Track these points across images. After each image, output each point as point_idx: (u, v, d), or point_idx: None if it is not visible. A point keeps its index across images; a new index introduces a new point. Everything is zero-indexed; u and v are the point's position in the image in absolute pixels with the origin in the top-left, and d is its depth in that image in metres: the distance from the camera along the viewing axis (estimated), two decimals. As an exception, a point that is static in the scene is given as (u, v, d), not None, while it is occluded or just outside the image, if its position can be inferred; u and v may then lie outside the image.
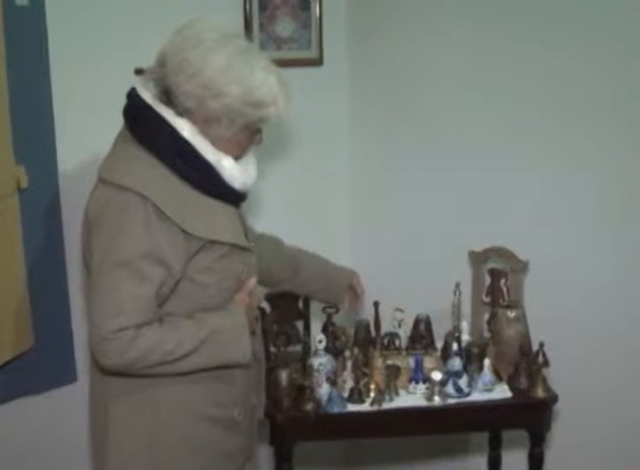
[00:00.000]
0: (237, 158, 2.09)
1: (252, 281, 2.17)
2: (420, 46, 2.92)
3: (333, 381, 2.48)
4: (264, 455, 2.83)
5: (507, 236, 2.77)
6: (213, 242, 2.01)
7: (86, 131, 2.06)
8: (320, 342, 2.55)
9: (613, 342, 2.72)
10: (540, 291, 2.76)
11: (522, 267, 2.74)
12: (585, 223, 2.71)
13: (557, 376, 2.59)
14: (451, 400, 2.47)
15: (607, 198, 2.66)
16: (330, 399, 2.43)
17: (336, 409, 2.42)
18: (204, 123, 1.99)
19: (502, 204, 2.85)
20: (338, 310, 2.69)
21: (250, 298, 2.16)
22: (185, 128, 1.98)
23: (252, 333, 2.15)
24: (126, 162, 2.00)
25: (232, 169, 2.06)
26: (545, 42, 2.65)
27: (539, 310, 2.69)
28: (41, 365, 2.49)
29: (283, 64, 2.10)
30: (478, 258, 2.84)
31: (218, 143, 2.02)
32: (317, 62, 3.01)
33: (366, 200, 3.12)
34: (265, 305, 2.65)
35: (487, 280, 2.83)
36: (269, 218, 2.82)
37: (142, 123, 2.00)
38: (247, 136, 2.07)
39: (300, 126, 2.93)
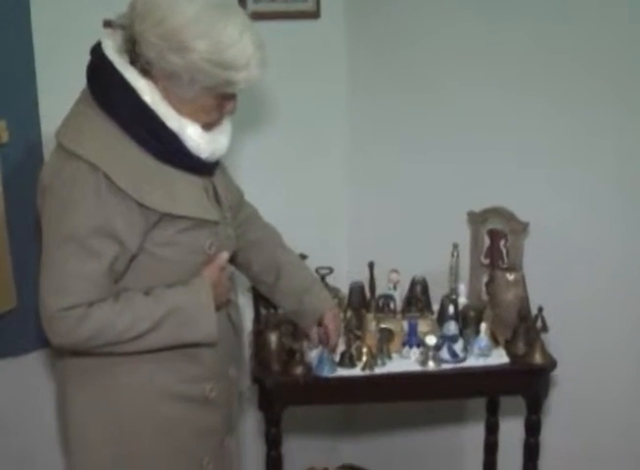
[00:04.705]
0: (207, 126, 1.94)
1: (224, 255, 2.03)
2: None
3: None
4: (253, 420, 2.78)
5: (507, 197, 2.67)
6: (172, 215, 1.90)
7: (71, 87, 1.97)
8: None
9: (614, 308, 2.64)
10: (540, 254, 2.66)
11: (522, 229, 2.65)
12: (588, 185, 2.62)
13: (555, 342, 2.51)
14: (446, 366, 2.40)
15: (611, 158, 2.57)
16: (320, 362, 2.36)
17: (326, 373, 2.35)
18: (164, 81, 1.85)
19: (502, 163, 2.74)
20: (332, 271, 2.60)
21: (219, 273, 2.02)
22: (146, 92, 1.84)
23: (220, 307, 2.03)
24: (82, 125, 1.87)
25: (198, 138, 1.91)
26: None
27: (539, 274, 2.61)
28: (24, 327, 2.42)
29: (277, 16, 1.97)
30: (476, 219, 2.75)
31: (182, 108, 1.88)
32: (314, 14, 2.85)
33: (363, 159, 3.02)
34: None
35: (486, 241, 2.74)
36: (261, 176, 2.74)
37: (102, 84, 1.87)
38: (213, 101, 1.90)
39: (295, 83, 2.82)
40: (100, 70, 1.88)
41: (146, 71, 1.85)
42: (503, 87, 2.68)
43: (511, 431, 2.80)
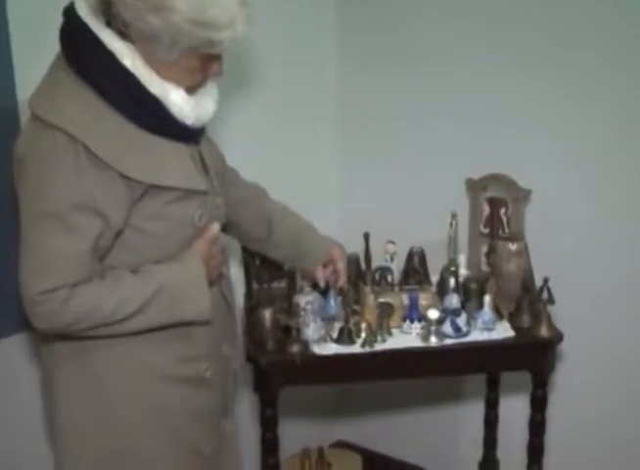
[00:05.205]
0: (191, 89, 1.81)
1: (215, 227, 1.91)
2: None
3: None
4: (247, 401, 2.66)
5: (507, 163, 2.57)
6: (159, 186, 1.77)
7: (49, 51, 1.82)
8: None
9: (619, 277, 2.56)
10: (543, 223, 2.56)
11: (523, 196, 2.54)
12: (592, 149, 2.52)
13: (558, 314, 2.40)
14: (449, 341, 2.28)
15: (617, 123, 2.48)
16: (328, 305, 2.29)
17: (334, 313, 2.28)
18: (143, 43, 1.71)
19: (501, 128, 2.64)
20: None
21: (211, 246, 1.91)
22: (125, 55, 1.70)
23: (213, 282, 1.93)
24: (57, 93, 1.73)
25: (182, 103, 1.78)
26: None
27: (541, 244, 2.50)
28: (2, 309, 2.28)
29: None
30: (475, 187, 2.64)
31: (164, 71, 1.74)
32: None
33: (355, 127, 2.91)
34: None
35: (486, 210, 2.63)
36: (249, 147, 2.61)
37: (77, 48, 1.73)
38: (197, 62, 1.77)
39: (283, 50, 2.70)
40: (74, 34, 1.74)
41: (123, 34, 1.71)
42: (503, 52, 2.58)
43: (512, 410, 2.74)
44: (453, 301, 2.32)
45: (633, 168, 2.47)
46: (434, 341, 2.28)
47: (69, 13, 1.75)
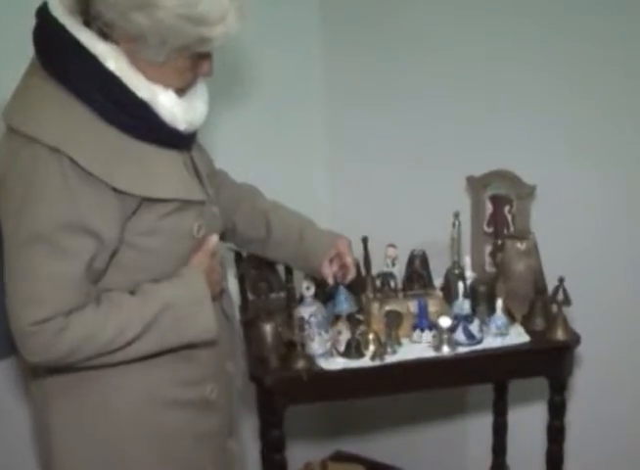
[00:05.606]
0: (180, 90, 1.68)
1: (214, 238, 1.80)
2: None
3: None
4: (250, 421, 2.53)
5: (510, 159, 2.44)
6: (153, 199, 1.64)
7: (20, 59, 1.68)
8: (308, 288, 2.21)
9: (633, 275, 2.47)
10: (551, 219, 2.45)
11: (528, 192, 2.43)
12: (600, 144, 2.42)
13: (570, 315, 2.29)
14: (462, 349, 2.16)
15: (625, 116, 2.38)
16: (338, 302, 2.20)
17: (345, 311, 2.20)
18: (128, 44, 1.57)
19: (503, 122, 2.53)
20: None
21: (211, 259, 1.79)
22: (110, 57, 1.57)
23: (215, 298, 1.81)
24: (34, 101, 1.58)
25: (173, 107, 1.65)
26: None
27: (549, 242, 2.38)
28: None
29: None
30: (477, 185, 2.52)
31: (152, 72, 1.61)
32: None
33: (346, 123, 2.78)
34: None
35: (489, 208, 2.51)
36: (234, 148, 2.48)
37: (54, 52, 1.59)
38: (187, 61, 1.64)
39: (266, 41, 2.55)
40: (49, 36, 1.60)
41: (105, 34, 1.58)
42: (505, 40, 2.47)
43: (519, 413, 2.67)
44: (465, 306, 2.21)
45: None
46: (446, 350, 2.16)
47: (43, 13, 1.61)
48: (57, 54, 1.59)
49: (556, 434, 2.29)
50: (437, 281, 2.43)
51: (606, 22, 2.32)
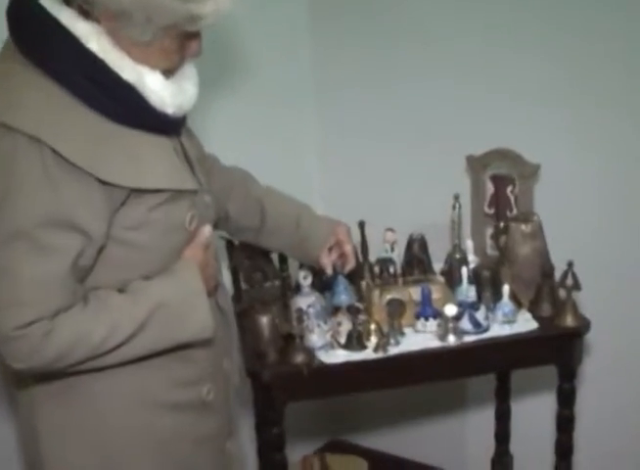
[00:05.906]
0: (168, 71, 1.56)
1: (207, 229, 1.68)
2: None
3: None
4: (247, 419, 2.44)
5: (511, 137, 2.36)
6: (142, 189, 1.53)
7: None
8: (305, 278, 2.12)
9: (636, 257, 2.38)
10: (556, 200, 2.37)
11: (532, 172, 2.34)
12: (605, 121, 2.32)
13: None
14: (468, 338, 2.06)
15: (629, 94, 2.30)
16: (337, 292, 2.12)
17: (345, 303, 2.10)
18: (111, 23, 1.45)
19: (503, 98, 2.43)
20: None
21: (204, 251, 1.68)
22: (91, 38, 1.45)
23: (211, 293, 1.70)
24: (11, 88, 1.46)
25: (161, 90, 1.53)
26: None
27: (553, 223, 2.28)
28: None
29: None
30: (477, 164, 2.42)
31: (137, 52, 1.49)
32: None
33: (340, 105, 2.69)
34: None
35: (490, 189, 2.42)
36: (223, 133, 2.37)
37: (31, 33, 1.47)
38: (174, 41, 1.53)
39: (257, 24, 2.46)
40: (26, 16, 1.47)
41: (86, 13, 1.45)
42: (506, 19, 2.39)
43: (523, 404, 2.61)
44: (471, 293, 2.11)
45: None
46: (452, 339, 2.05)
47: None
48: (34, 36, 1.47)
49: (565, 423, 2.20)
50: (437, 266, 2.34)
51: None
